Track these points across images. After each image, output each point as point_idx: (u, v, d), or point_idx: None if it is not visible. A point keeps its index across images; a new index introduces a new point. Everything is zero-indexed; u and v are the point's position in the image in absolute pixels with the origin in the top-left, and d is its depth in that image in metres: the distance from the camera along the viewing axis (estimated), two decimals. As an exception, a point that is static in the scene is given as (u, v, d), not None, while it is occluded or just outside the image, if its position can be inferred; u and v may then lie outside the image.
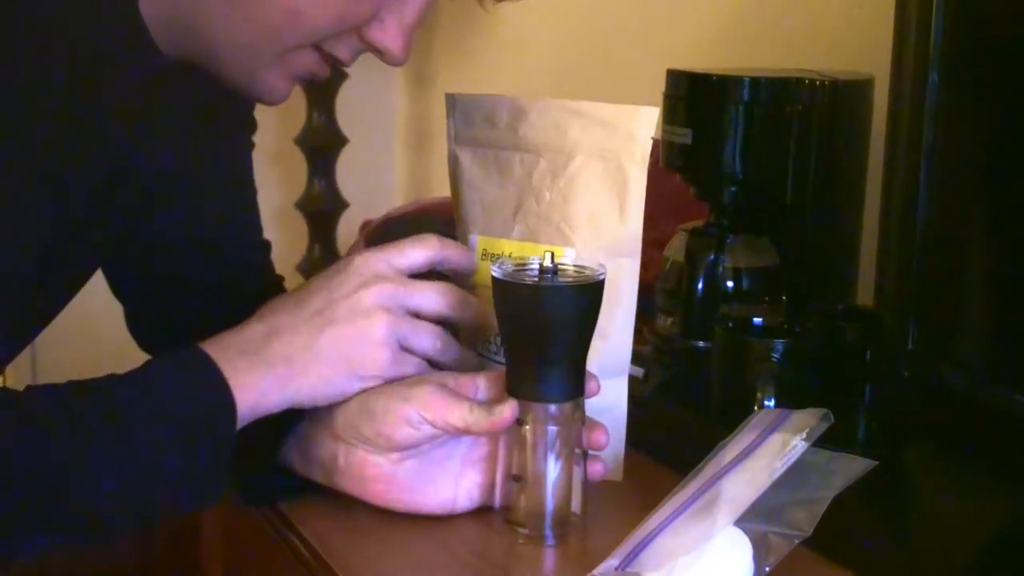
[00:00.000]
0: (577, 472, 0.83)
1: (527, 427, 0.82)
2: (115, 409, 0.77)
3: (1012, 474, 0.81)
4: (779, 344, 0.93)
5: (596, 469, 0.86)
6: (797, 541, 0.75)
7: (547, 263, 0.82)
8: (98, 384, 0.78)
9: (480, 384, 0.85)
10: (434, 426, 0.83)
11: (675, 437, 0.97)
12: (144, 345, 1.07)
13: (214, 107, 0.98)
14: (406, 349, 0.84)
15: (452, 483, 0.86)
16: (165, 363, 0.81)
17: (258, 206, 1.07)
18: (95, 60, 0.81)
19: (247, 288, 1.04)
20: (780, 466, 0.78)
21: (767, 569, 0.75)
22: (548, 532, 0.83)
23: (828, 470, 0.78)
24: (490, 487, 0.85)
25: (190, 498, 0.81)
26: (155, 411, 0.78)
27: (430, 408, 0.82)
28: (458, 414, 0.82)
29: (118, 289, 1.05)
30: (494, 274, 0.82)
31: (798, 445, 0.79)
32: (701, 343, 1.05)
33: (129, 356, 1.15)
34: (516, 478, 0.83)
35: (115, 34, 0.82)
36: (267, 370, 0.81)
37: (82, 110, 0.81)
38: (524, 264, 0.83)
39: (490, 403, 0.83)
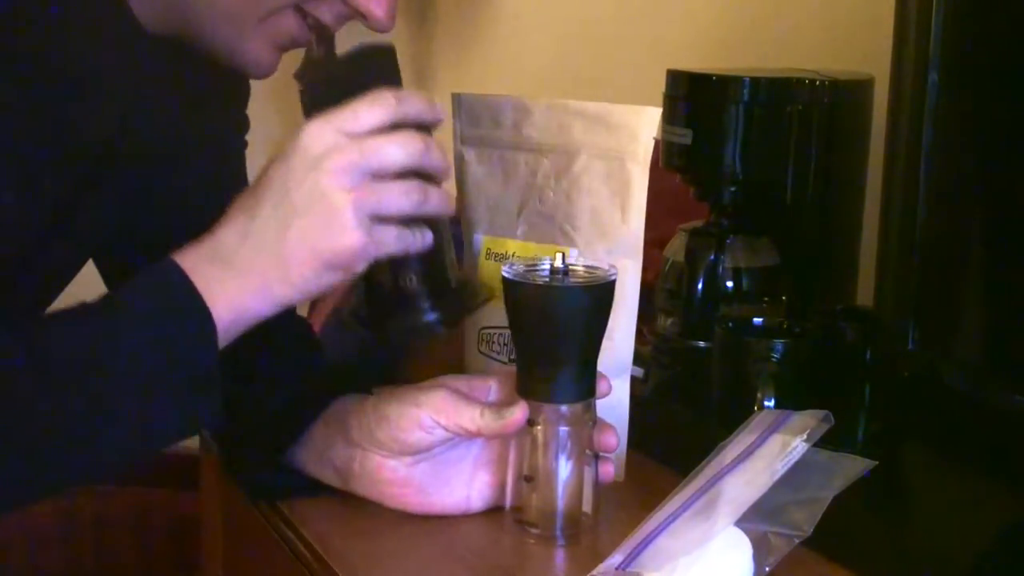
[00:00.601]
0: (588, 472, 0.83)
1: (538, 428, 0.82)
2: (85, 336, 0.74)
3: (1012, 474, 0.81)
4: (779, 344, 0.93)
5: (607, 470, 0.86)
6: (797, 541, 0.75)
7: (558, 263, 0.82)
8: (66, 312, 0.76)
9: (492, 386, 0.86)
10: (446, 430, 0.83)
11: (675, 437, 0.97)
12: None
13: (206, 103, 0.98)
14: (381, 219, 0.78)
15: (465, 484, 0.86)
16: (136, 283, 0.77)
17: None
18: (73, 37, 0.81)
19: None
20: (781, 468, 0.78)
21: (767, 569, 0.75)
22: (559, 532, 0.83)
23: (828, 470, 0.78)
24: (502, 487, 0.85)
25: (180, 421, 0.78)
26: (129, 333, 0.75)
27: (442, 412, 0.82)
28: (468, 417, 0.82)
29: (111, 284, 1.05)
30: (505, 275, 0.82)
31: (798, 446, 0.79)
32: (701, 343, 1.05)
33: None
34: (527, 479, 0.83)
35: (94, 9, 0.82)
36: (243, 281, 0.77)
37: (60, 89, 0.81)
38: (535, 265, 0.83)
39: (501, 405, 0.83)
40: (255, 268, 0.77)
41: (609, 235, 0.91)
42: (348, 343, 1.49)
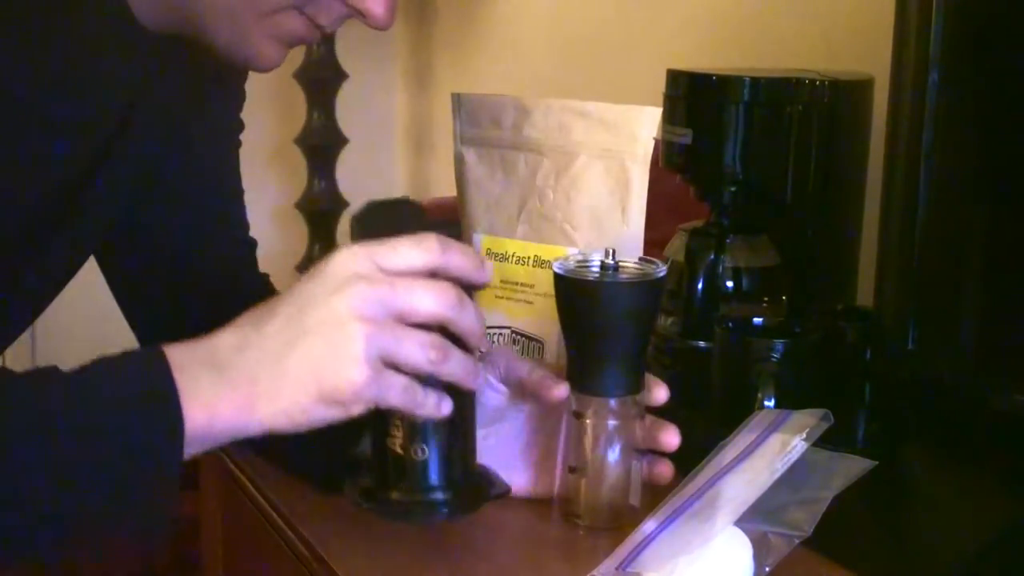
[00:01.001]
0: (635, 467, 0.84)
1: (587, 421, 0.83)
2: (44, 407, 0.68)
3: (1012, 474, 0.81)
4: (779, 344, 0.93)
5: (663, 471, 0.85)
6: (797, 541, 0.75)
7: (608, 260, 0.82)
8: (33, 377, 0.70)
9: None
10: (500, 380, 0.85)
11: (675, 437, 0.97)
12: (143, 343, 1.07)
13: (202, 103, 0.98)
14: (391, 364, 0.72)
15: (528, 469, 0.87)
16: (114, 361, 0.71)
17: (244, 204, 1.08)
18: (72, 36, 0.81)
19: (229, 285, 1.04)
20: (780, 467, 0.78)
21: (767, 569, 0.75)
22: (604, 524, 0.84)
23: (828, 470, 0.78)
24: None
25: (126, 522, 0.71)
26: (89, 414, 0.69)
27: (497, 366, 0.85)
28: (517, 371, 0.85)
29: (113, 288, 1.06)
30: (556, 271, 0.82)
31: (798, 445, 0.79)
32: (701, 343, 1.05)
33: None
34: (572, 469, 0.84)
35: (92, 9, 0.82)
36: (229, 390, 0.70)
37: (59, 86, 0.81)
38: (585, 260, 0.83)
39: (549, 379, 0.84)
40: (245, 378, 0.70)
41: (609, 235, 0.91)
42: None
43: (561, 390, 0.83)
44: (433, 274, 0.73)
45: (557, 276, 0.82)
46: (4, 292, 0.84)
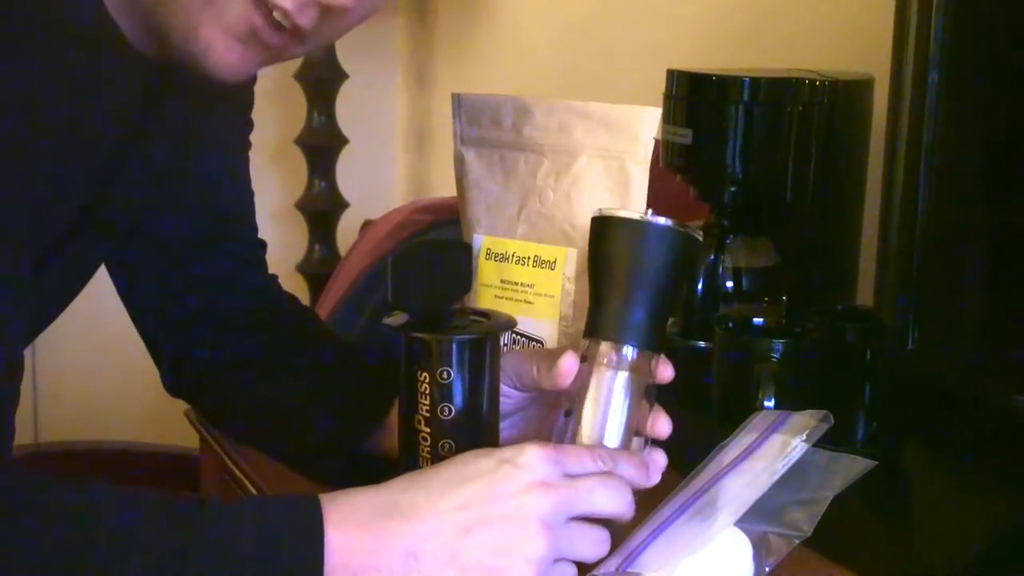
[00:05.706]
0: (637, 443, 0.81)
1: (601, 366, 0.80)
2: (176, 543, 0.69)
3: (1012, 474, 0.81)
4: (779, 344, 0.93)
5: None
6: (797, 541, 0.75)
7: (647, 214, 0.80)
8: (173, 508, 0.71)
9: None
10: (513, 388, 0.84)
11: (675, 437, 0.97)
12: (149, 344, 1.07)
13: (211, 107, 0.98)
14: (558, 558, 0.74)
15: None
16: (269, 520, 0.71)
17: (254, 205, 1.08)
18: (73, 64, 0.80)
19: (239, 287, 1.04)
20: (781, 468, 0.78)
21: (767, 569, 0.75)
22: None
23: (828, 470, 0.78)
24: None
25: None
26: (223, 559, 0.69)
27: (507, 374, 0.84)
28: (527, 373, 0.83)
29: (120, 288, 1.06)
30: (595, 215, 0.80)
31: (798, 446, 0.79)
32: (701, 343, 1.05)
33: (129, 357, 1.15)
34: (568, 412, 0.81)
35: (85, 31, 0.81)
36: (386, 560, 0.71)
37: (66, 114, 0.80)
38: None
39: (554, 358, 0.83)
40: (400, 554, 0.71)
41: (609, 235, 0.90)
42: (355, 331, 1.49)
43: (567, 360, 0.80)
44: None
45: (596, 219, 0.80)
46: (21, 301, 0.84)
